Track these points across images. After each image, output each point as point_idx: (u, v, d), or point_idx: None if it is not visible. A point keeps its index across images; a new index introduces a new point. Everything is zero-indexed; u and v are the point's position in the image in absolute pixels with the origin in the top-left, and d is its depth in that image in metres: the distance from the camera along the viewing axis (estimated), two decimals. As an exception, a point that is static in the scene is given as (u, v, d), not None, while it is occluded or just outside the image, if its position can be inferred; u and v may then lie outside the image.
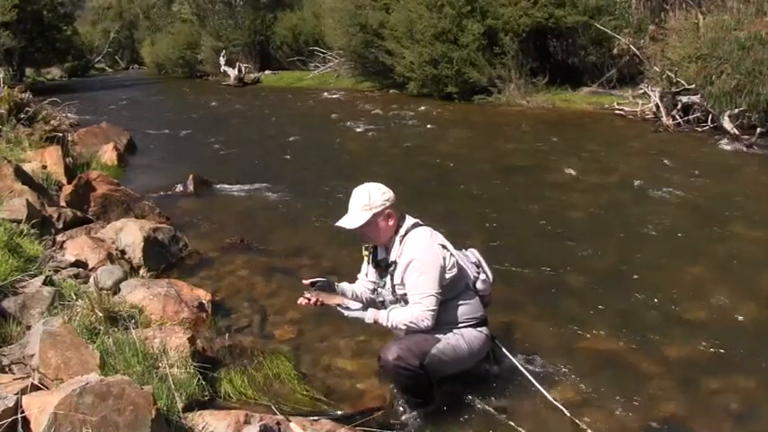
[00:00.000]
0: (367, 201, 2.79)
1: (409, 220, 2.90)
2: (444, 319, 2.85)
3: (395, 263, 2.83)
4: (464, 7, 13.44)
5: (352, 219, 2.81)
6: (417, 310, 2.76)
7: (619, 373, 3.18)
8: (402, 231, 2.84)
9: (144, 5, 36.49)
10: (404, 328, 2.79)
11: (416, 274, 2.75)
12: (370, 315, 2.85)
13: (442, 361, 2.78)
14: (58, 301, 3.29)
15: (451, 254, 2.86)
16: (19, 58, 24.51)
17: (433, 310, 2.76)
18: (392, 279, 2.85)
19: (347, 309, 2.85)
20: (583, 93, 12.76)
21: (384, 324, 2.82)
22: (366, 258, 3.00)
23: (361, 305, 2.93)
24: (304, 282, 2.92)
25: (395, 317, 2.81)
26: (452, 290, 2.86)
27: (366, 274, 3.04)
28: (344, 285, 3.04)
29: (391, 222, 2.84)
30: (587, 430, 2.71)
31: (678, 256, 4.67)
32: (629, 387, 3.04)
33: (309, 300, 2.85)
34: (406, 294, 2.81)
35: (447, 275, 2.80)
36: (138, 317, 3.40)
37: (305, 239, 5.26)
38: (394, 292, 2.87)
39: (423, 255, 2.76)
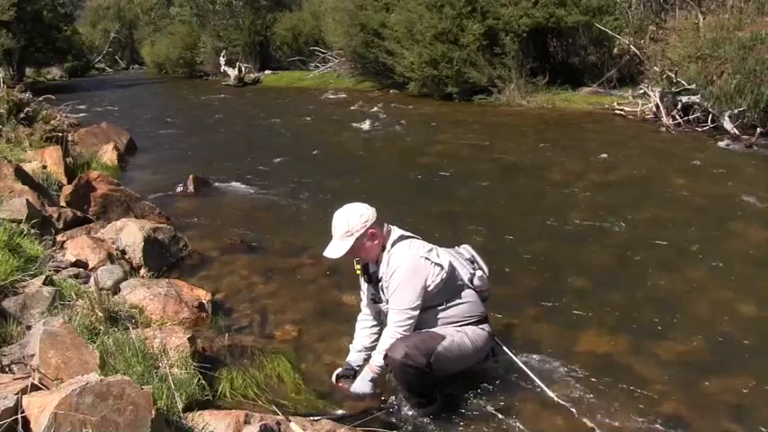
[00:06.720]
0: (346, 227, 2.80)
1: (395, 234, 2.90)
2: (446, 318, 2.88)
3: (383, 278, 2.87)
4: (464, 7, 13.43)
5: (336, 248, 2.84)
6: (390, 329, 2.82)
7: (619, 372, 3.18)
8: (388, 247, 2.86)
9: (144, 6, 36.45)
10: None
11: (392, 290, 2.81)
12: (369, 370, 2.91)
13: (448, 359, 2.81)
14: (59, 301, 3.28)
15: (437, 263, 2.84)
16: (19, 58, 24.46)
17: (405, 326, 2.80)
18: (384, 294, 2.90)
19: (363, 383, 2.93)
20: (583, 93, 12.75)
21: (380, 364, 2.86)
22: (359, 273, 3.02)
23: (357, 371, 3.01)
24: (333, 381, 3.05)
25: (378, 353, 2.87)
26: (447, 291, 2.88)
27: (364, 290, 3.08)
28: (353, 351, 3.09)
29: (376, 241, 2.85)
30: (591, 426, 2.71)
31: (678, 255, 4.67)
32: (629, 386, 3.03)
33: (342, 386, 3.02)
34: None
35: (434, 282, 2.81)
36: (139, 317, 3.40)
37: (305, 239, 5.25)
38: (388, 304, 2.91)
39: (400, 270, 2.79)
